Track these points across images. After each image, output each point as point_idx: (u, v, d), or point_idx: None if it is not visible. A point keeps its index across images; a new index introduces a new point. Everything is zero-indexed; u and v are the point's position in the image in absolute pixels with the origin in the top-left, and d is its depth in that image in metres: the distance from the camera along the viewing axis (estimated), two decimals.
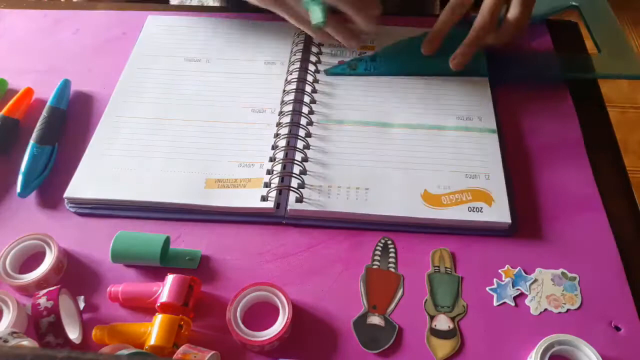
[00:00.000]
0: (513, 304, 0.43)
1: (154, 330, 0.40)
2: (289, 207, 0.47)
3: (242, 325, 0.41)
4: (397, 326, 0.42)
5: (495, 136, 0.53)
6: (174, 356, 0.38)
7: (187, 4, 0.75)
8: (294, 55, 0.59)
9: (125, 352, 0.37)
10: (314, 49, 0.60)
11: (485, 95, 0.56)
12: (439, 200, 0.48)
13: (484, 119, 0.54)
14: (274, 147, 0.52)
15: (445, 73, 0.57)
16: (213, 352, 0.39)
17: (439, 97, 0.56)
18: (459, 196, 0.48)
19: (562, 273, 0.45)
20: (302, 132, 0.52)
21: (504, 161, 0.51)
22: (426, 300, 0.44)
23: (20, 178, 0.49)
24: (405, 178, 0.49)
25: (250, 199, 0.48)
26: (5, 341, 0.36)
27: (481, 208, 0.47)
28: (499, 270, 0.45)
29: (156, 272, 0.45)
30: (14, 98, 0.56)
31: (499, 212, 0.47)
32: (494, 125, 0.53)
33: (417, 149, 0.52)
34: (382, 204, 0.48)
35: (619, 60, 0.58)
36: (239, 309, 0.41)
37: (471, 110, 0.55)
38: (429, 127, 0.53)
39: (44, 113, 0.54)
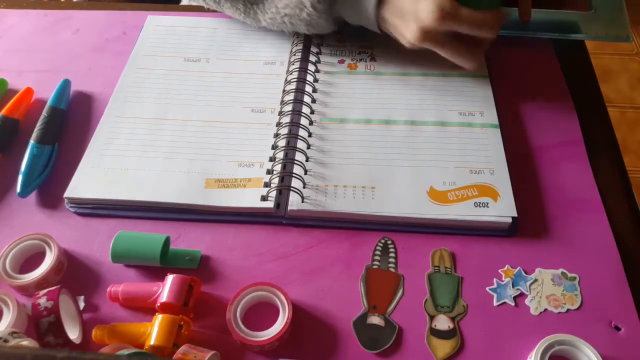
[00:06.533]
0: (513, 304, 0.43)
1: (154, 330, 0.40)
2: (289, 207, 0.47)
3: (242, 325, 0.41)
4: (397, 326, 0.42)
5: (498, 131, 0.53)
6: (174, 356, 0.38)
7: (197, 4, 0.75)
8: (294, 55, 0.59)
9: (125, 352, 0.37)
10: (314, 49, 0.60)
11: (487, 91, 0.56)
12: (445, 196, 0.48)
13: (486, 114, 0.54)
14: (274, 147, 0.52)
15: None
16: (213, 352, 0.38)
17: (440, 94, 0.56)
18: (464, 192, 0.48)
19: (562, 273, 0.45)
20: (302, 132, 0.52)
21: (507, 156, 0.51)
22: (426, 300, 0.44)
23: (20, 178, 0.49)
24: (411, 175, 0.49)
25: (251, 198, 0.48)
26: (5, 341, 0.36)
27: (487, 203, 0.47)
28: (499, 270, 0.45)
29: (156, 272, 0.45)
30: (14, 98, 0.56)
31: (505, 207, 0.47)
32: (496, 120, 0.53)
33: (421, 146, 0.52)
34: (389, 202, 0.47)
35: (608, 21, 0.56)
36: (239, 309, 0.41)
37: (473, 105, 0.55)
38: (431, 124, 0.53)
39: (44, 113, 0.54)
